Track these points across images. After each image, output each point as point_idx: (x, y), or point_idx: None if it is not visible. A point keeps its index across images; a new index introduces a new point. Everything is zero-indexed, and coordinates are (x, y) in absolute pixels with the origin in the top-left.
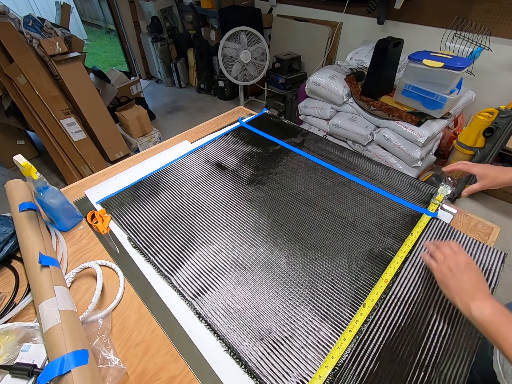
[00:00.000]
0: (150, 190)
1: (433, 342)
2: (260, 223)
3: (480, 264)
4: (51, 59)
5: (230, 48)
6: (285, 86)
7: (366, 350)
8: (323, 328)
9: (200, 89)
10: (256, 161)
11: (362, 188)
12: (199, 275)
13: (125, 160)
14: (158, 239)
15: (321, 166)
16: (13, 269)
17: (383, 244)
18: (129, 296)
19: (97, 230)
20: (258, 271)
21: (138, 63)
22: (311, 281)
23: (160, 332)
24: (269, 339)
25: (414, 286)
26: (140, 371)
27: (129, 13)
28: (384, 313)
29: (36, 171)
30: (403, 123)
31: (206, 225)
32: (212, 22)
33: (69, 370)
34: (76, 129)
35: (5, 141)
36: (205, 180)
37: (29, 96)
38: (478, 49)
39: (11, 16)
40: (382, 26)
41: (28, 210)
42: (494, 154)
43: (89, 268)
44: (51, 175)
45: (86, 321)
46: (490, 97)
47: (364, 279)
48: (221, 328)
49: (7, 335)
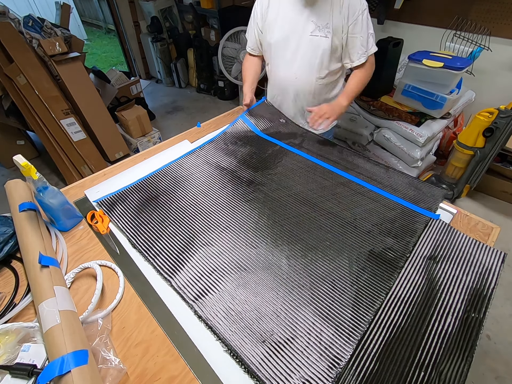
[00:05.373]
0: (149, 191)
1: (433, 342)
2: (260, 224)
3: (480, 264)
4: (51, 59)
5: (230, 48)
6: None
7: (366, 350)
8: (324, 330)
9: (200, 89)
10: (255, 161)
11: (361, 188)
12: (199, 277)
13: (125, 160)
14: (157, 241)
15: (320, 167)
16: (13, 269)
17: (384, 244)
18: (129, 296)
19: (97, 230)
20: (258, 273)
21: (138, 63)
22: (312, 282)
23: (160, 332)
24: (270, 341)
25: (414, 286)
26: (140, 371)
27: (129, 13)
28: (384, 313)
29: (36, 171)
30: (403, 123)
31: (206, 227)
32: (212, 22)
33: (69, 370)
34: (76, 129)
35: (5, 141)
36: (205, 181)
37: (29, 96)
38: (478, 49)
39: (11, 16)
40: (382, 26)
41: (28, 210)
42: (494, 154)
43: (89, 268)
44: (51, 175)
45: (86, 321)
46: (490, 97)
47: (365, 280)
48: (223, 330)
49: (7, 335)
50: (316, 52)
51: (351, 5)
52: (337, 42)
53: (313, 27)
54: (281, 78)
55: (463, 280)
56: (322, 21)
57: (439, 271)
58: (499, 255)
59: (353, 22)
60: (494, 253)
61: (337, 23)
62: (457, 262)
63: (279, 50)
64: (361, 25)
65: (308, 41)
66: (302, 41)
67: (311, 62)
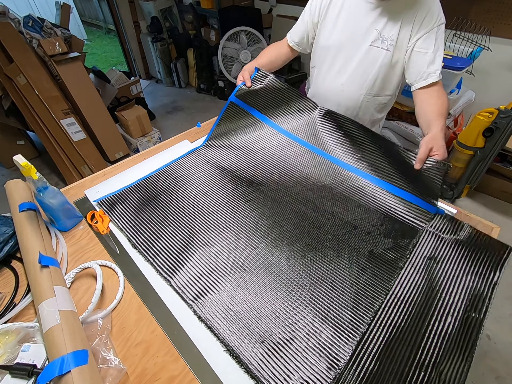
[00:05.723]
0: (149, 191)
1: (433, 342)
2: (259, 224)
3: (480, 264)
4: (51, 59)
5: (230, 48)
6: None
7: (366, 350)
8: (323, 330)
9: (200, 89)
10: (256, 161)
11: (362, 189)
12: (199, 277)
13: (125, 160)
14: (157, 241)
15: (321, 158)
16: (13, 269)
17: (384, 245)
18: (129, 296)
19: (97, 230)
20: (258, 273)
21: (138, 63)
22: (312, 282)
23: (160, 332)
24: (269, 342)
25: (414, 286)
26: (140, 371)
27: (129, 13)
28: (384, 313)
29: (36, 171)
30: (403, 123)
31: (206, 227)
32: (212, 22)
33: (69, 370)
34: (76, 129)
35: (5, 141)
36: (205, 181)
37: (29, 96)
38: (478, 49)
39: (11, 16)
40: None
41: (28, 210)
42: (494, 154)
43: (89, 268)
44: (51, 175)
45: (86, 321)
46: (490, 97)
47: (365, 280)
48: (222, 330)
49: (7, 335)
50: (372, 65)
51: (428, 16)
52: (399, 56)
53: (376, 36)
54: (325, 87)
55: (463, 280)
56: (387, 31)
57: (439, 271)
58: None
59: (424, 35)
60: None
61: (404, 35)
62: (457, 262)
63: (331, 56)
64: (434, 40)
65: (366, 51)
66: (359, 50)
67: (364, 76)
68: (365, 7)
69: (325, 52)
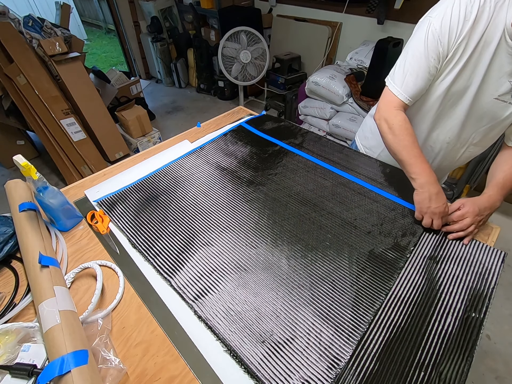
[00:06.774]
0: (149, 191)
1: (433, 342)
2: (260, 224)
3: (480, 264)
4: (51, 59)
5: (230, 48)
6: (285, 86)
7: (366, 350)
8: (324, 330)
9: (200, 89)
10: (256, 162)
11: (362, 189)
12: (199, 277)
13: (125, 160)
14: (157, 241)
15: (320, 167)
16: (13, 269)
17: (384, 244)
18: (129, 296)
19: (97, 230)
20: (258, 273)
21: (138, 63)
22: (312, 282)
23: (160, 332)
24: (270, 342)
25: (414, 286)
26: (140, 371)
27: (129, 13)
28: (384, 313)
29: (36, 171)
30: None
31: (206, 227)
32: (212, 22)
33: (69, 370)
34: (76, 129)
35: (5, 141)
36: (205, 181)
37: (29, 96)
38: None
39: (11, 16)
40: (382, 26)
41: (28, 210)
42: (494, 154)
43: (89, 268)
44: (51, 175)
45: (86, 321)
46: None
47: (365, 280)
48: (222, 330)
49: (7, 335)
50: (493, 120)
51: None
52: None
53: (507, 89)
54: (430, 138)
55: (463, 280)
56: None
57: (439, 271)
58: (499, 255)
59: None
60: (494, 253)
61: None
62: (457, 262)
63: (446, 104)
64: None
65: (489, 104)
66: (480, 102)
67: (478, 131)
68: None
69: (440, 98)
